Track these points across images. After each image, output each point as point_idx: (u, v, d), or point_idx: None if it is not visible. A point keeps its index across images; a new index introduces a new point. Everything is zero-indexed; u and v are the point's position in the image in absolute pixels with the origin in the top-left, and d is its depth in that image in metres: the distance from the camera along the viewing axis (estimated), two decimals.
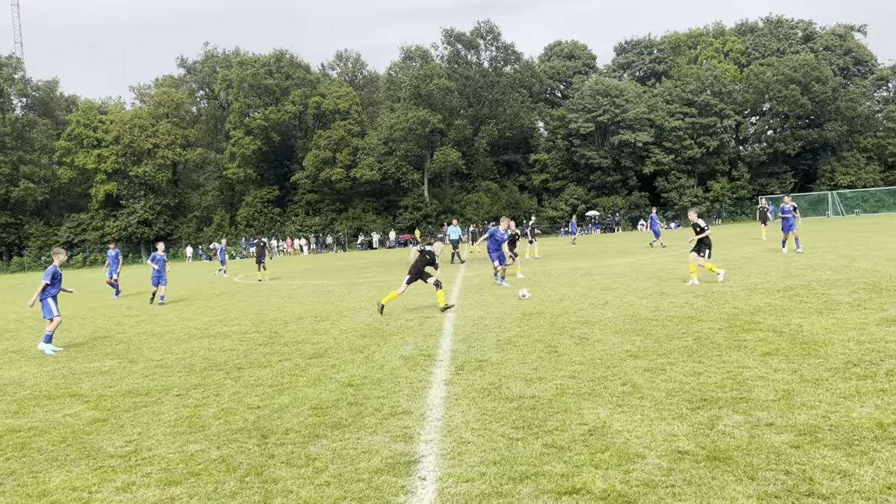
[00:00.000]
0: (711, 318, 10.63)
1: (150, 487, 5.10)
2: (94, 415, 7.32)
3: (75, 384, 9.02)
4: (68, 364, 10.65)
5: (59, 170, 75.28)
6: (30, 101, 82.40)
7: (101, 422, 7.03)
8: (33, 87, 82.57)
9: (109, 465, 5.66)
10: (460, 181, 75.97)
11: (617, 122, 70.31)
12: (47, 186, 76.38)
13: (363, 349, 10.15)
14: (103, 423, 6.99)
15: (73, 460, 5.84)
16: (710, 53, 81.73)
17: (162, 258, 20.82)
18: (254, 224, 73.47)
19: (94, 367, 10.19)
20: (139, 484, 5.18)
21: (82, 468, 5.62)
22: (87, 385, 8.92)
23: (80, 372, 9.90)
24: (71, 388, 8.76)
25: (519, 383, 7.40)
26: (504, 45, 74.51)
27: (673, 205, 71.67)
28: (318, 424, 6.40)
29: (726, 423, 5.62)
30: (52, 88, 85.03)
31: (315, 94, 74.77)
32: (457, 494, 4.60)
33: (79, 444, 6.27)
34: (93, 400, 8.02)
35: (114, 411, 7.43)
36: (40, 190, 75.07)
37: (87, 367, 10.30)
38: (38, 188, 74.70)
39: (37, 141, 77.69)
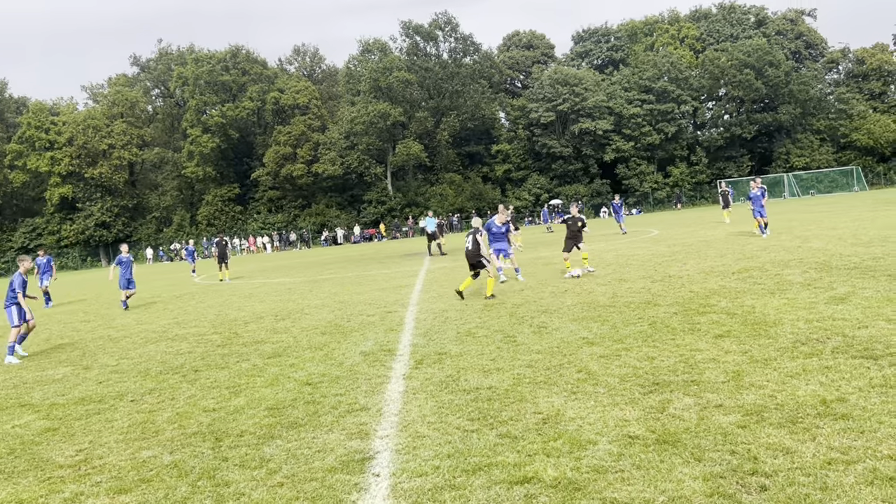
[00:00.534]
0: (667, 302, 10.79)
1: (99, 497, 5.02)
2: (45, 424, 7.17)
3: (26, 393, 8.82)
4: (20, 373, 10.40)
5: (10, 174, 73.22)
6: None
7: (51, 431, 6.88)
8: None
9: (58, 475, 5.55)
10: (424, 174, 75.85)
11: (577, 111, 70.80)
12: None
13: (323, 346, 10.09)
14: (54, 432, 6.84)
15: (20, 472, 5.71)
16: (665, 40, 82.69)
17: (128, 260, 20.12)
18: (215, 223, 72.44)
19: (46, 375, 9.97)
20: (88, 493, 5.09)
21: (30, 480, 5.50)
22: (38, 394, 8.72)
23: (32, 381, 9.68)
24: (22, 398, 8.56)
25: (477, 375, 7.44)
26: (463, 37, 74.42)
27: (634, 191, 72.51)
28: (274, 425, 6.35)
29: (676, 407, 5.72)
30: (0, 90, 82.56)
31: (273, 89, 73.89)
32: (409, 489, 4.61)
33: (28, 455, 6.14)
34: (44, 409, 7.85)
35: (65, 420, 7.28)
36: None
37: (39, 375, 10.08)
38: None
39: None
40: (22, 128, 72.50)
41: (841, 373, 6.17)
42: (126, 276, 19.57)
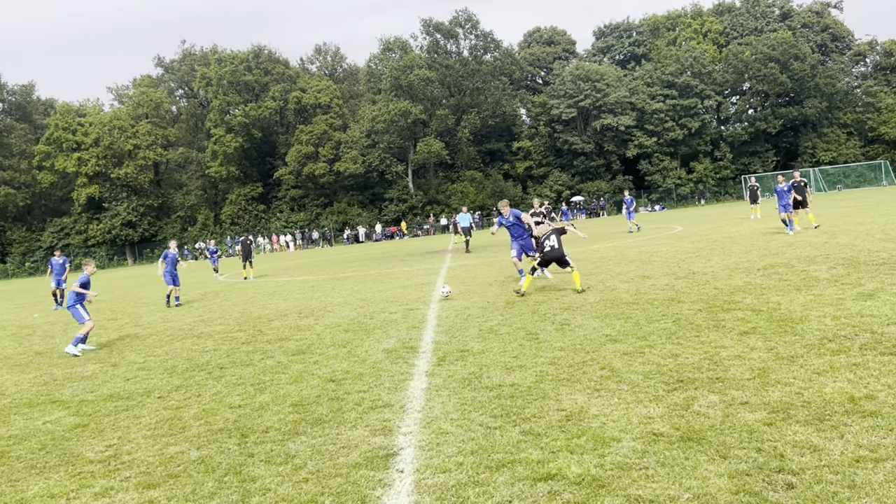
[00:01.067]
0: (691, 299, 10.71)
1: (128, 491, 5.10)
2: (75, 420, 7.30)
3: (57, 390, 8.98)
4: (50, 370, 10.59)
5: (39, 174, 74.52)
6: (6, 105, 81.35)
7: (81, 427, 7.00)
8: (9, 91, 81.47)
9: (88, 470, 5.65)
10: (444, 171, 75.88)
11: (598, 107, 70.41)
12: (28, 192, 75.58)
13: (346, 344, 10.16)
14: (84, 428, 6.97)
15: (52, 467, 5.82)
16: (688, 35, 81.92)
17: (174, 257, 20.15)
18: (238, 222, 73.12)
19: (76, 373, 10.14)
20: (117, 488, 5.18)
21: (61, 475, 5.61)
22: (68, 391, 8.88)
23: (62, 378, 9.85)
24: (52, 395, 8.72)
25: (499, 372, 7.44)
26: (483, 34, 74.28)
27: (657, 187, 71.98)
28: (299, 421, 6.41)
29: (701, 404, 5.68)
30: (28, 92, 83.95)
31: (295, 88, 74.35)
32: (433, 485, 4.63)
33: (58, 451, 6.25)
34: (74, 406, 7.99)
35: (94, 416, 7.41)
36: (21, 195, 74.30)
37: (69, 372, 10.26)
38: (18, 194, 73.94)
39: (15, 146, 76.80)
40: (50, 129, 73.73)
41: (869, 370, 6.09)
42: (171, 273, 19.50)
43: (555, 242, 13.55)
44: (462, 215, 31.67)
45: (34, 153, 74.62)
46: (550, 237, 13.64)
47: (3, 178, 73.31)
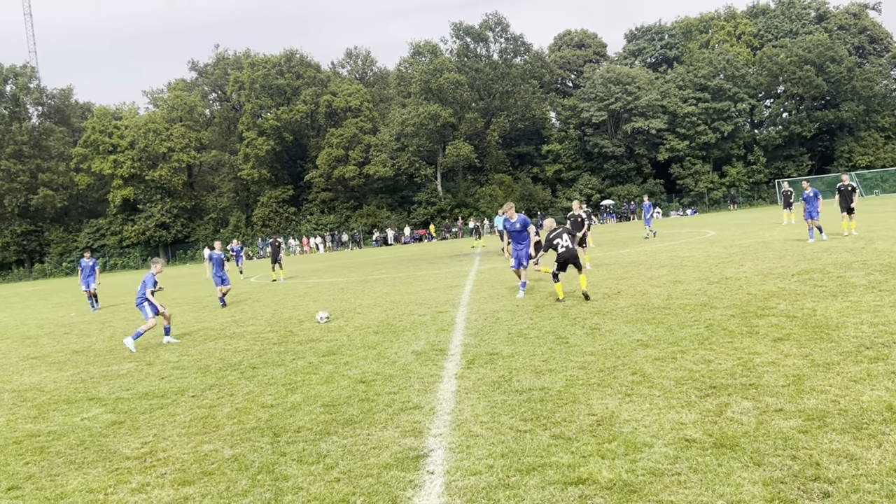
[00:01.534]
0: (724, 304, 10.58)
1: (164, 488, 5.20)
2: (112, 417, 7.45)
3: (94, 388, 9.17)
4: (87, 368, 10.82)
5: (76, 176, 76.12)
6: (45, 109, 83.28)
7: (118, 424, 7.15)
8: (48, 95, 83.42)
9: (125, 466, 5.77)
10: (473, 174, 75.88)
11: (629, 110, 69.88)
12: (66, 193, 77.25)
13: (376, 345, 10.22)
14: (120, 425, 7.11)
15: (90, 463, 5.95)
16: (722, 37, 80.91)
17: (219, 257, 20.34)
18: (269, 224, 73.90)
19: (112, 371, 10.35)
20: (154, 485, 5.28)
21: (99, 470, 5.73)
22: (105, 388, 9.06)
23: (99, 376, 10.05)
24: (90, 392, 8.91)
25: (529, 375, 7.43)
26: (513, 37, 74.20)
27: (689, 191, 71.20)
28: (330, 421, 6.47)
29: (735, 410, 5.62)
30: (66, 96, 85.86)
31: (326, 92, 74.97)
32: (464, 487, 4.65)
33: (96, 447, 6.39)
34: (110, 403, 8.16)
35: (130, 414, 7.55)
36: (59, 197, 75.96)
37: (105, 370, 10.46)
38: (56, 195, 75.60)
39: (54, 148, 78.55)
40: (87, 132, 75.28)
41: None
42: (219, 274, 19.67)
43: (567, 242, 12.91)
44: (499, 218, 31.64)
45: (72, 155, 76.26)
46: (562, 236, 12.99)
47: (42, 180, 75.02)
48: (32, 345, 14.64)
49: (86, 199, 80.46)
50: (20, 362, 12.21)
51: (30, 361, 12.20)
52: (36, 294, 38.46)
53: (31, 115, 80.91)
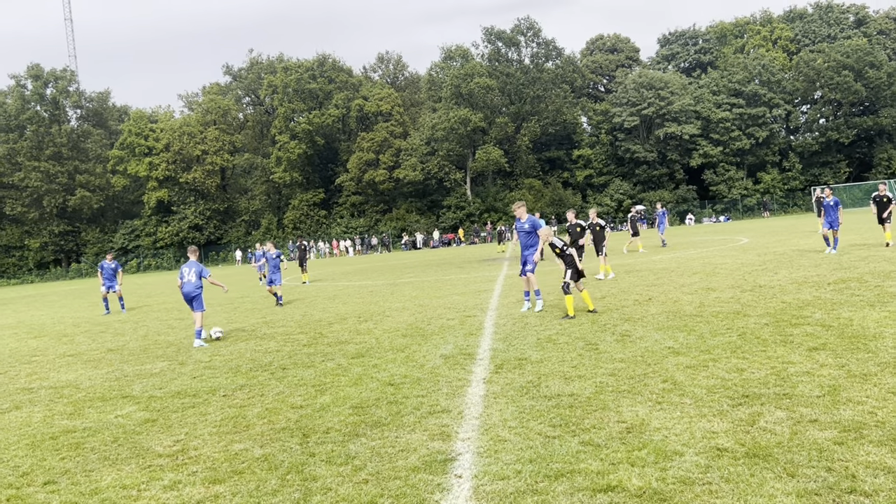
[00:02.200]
0: (758, 313, 10.42)
1: (195, 486, 5.27)
2: (145, 415, 7.57)
3: (127, 386, 9.33)
4: (121, 367, 11.01)
5: (112, 178, 77.65)
6: (84, 112, 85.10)
7: (150, 422, 7.26)
8: (87, 98, 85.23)
9: (158, 464, 5.85)
10: (503, 179, 75.75)
11: (662, 115, 69.21)
12: (102, 194, 78.86)
13: (404, 349, 10.25)
14: (153, 423, 7.22)
15: (123, 459, 6.05)
16: (757, 42, 79.76)
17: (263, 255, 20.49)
18: (300, 227, 74.58)
19: (145, 370, 10.52)
20: (185, 482, 5.35)
21: (132, 467, 5.83)
22: (138, 387, 9.21)
23: (133, 374, 10.23)
24: (123, 390, 9.07)
25: (558, 381, 7.39)
26: (545, 41, 73.98)
27: (722, 198, 70.27)
28: (359, 423, 6.51)
29: (768, 420, 5.53)
30: (104, 99, 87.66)
31: (357, 96, 75.51)
32: (492, 492, 4.64)
33: (129, 444, 6.50)
34: (143, 401, 8.29)
35: (163, 412, 7.67)
36: (96, 198, 77.57)
37: (139, 369, 10.64)
38: (93, 196, 77.21)
39: (91, 151, 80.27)
40: (123, 135, 76.75)
41: None
42: (271, 275, 19.84)
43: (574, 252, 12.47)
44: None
45: (108, 158, 77.83)
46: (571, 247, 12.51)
47: (80, 182, 76.70)
48: (69, 343, 14.95)
49: (121, 201, 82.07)
50: (57, 359, 12.48)
51: (66, 359, 12.46)
52: (72, 293, 39.26)
53: (70, 117, 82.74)
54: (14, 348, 14.81)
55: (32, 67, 76.74)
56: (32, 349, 14.35)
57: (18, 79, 77.07)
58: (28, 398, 9.12)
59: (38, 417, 7.94)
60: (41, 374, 10.96)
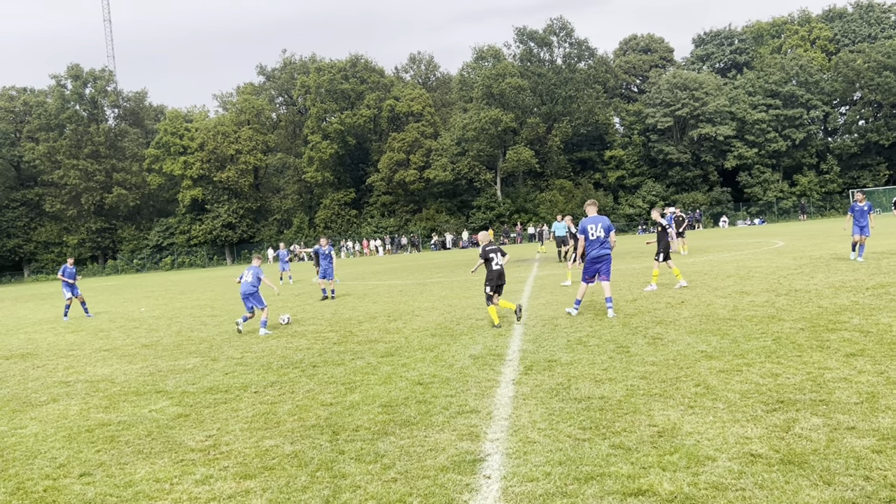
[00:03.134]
0: (793, 317, 10.23)
1: (226, 480, 5.33)
2: (178, 410, 7.68)
3: (161, 381, 9.48)
4: (155, 362, 11.19)
5: (148, 176, 79.05)
6: (121, 111, 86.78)
7: (183, 417, 7.37)
8: (124, 98, 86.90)
9: (190, 458, 5.94)
10: (533, 180, 75.47)
11: (696, 116, 68.35)
12: (138, 192, 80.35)
13: (433, 348, 10.26)
14: (185, 418, 7.32)
15: (157, 453, 6.15)
16: (795, 42, 78.37)
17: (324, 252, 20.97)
18: (331, 226, 75.12)
19: (178, 365, 10.68)
20: (217, 477, 5.42)
21: (165, 461, 5.91)
22: (171, 382, 9.35)
23: (166, 369, 10.39)
24: (157, 385, 9.21)
25: (588, 384, 7.33)
26: (577, 41, 73.49)
27: (757, 200, 69.17)
28: (388, 422, 6.53)
29: (804, 426, 5.42)
30: (141, 99, 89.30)
31: (389, 97, 75.83)
32: (521, 493, 4.61)
33: (163, 438, 6.60)
34: (177, 396, 8.42)
35: (195, 407, 7.77)
36: (132, 196, 79.05)
37: (172, 364, 10.81)
38: (129, 194, 78.69)
39: (128, 149, 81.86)
40: (159, 134, 78.07)
41: None
42: (322, 267, 20.53)
43: (501, 260, 12.20)
44: (557, 224, 31.33)
45: (144, 156, 79.24)
46: (497, 253, 12.26)
47: (117, 180, 78.24)
48: (104, 338, 15.24)
49: (157, 199, 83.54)
50: (93, 354, 12.72)
51: (102, 354, 12.70)
52: (108, 289, 40.01)
53: (107, 117, 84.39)
54: (52, 342, 15.15)
55: (72, 68, 78.43)
56: (70, 343, 14.66)
57: (59, 79, 78.83)
58: (65, 391, 9.32)
59: (75, 410, 8.11)
60: (78, 368, 11.19)
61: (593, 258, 12.26)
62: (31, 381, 10.37)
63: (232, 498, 4.98)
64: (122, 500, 5.13)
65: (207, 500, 4.98)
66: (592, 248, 12.24)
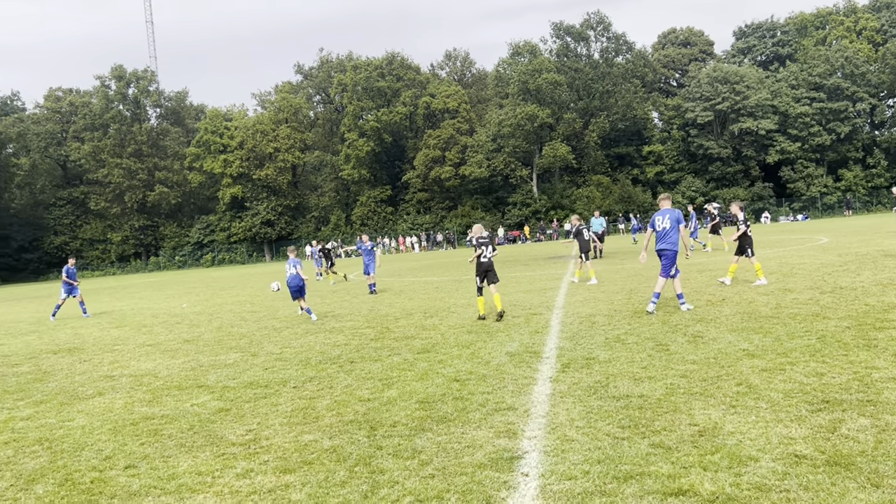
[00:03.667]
0: (839, 315, 9.98)
1: (266, 474, 5.40)
2: (219, 405, 7.81)
3: (203, 376, 9.65)
4: (197, 357, 11.40)
5: (189, 175, 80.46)
6: (163, 111, 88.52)
7: (224, 411, 7.49)
8: (166, 97, 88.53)
9: (231, 452, 6.03)
10: (570, 176, 74.88)
11: (737, 110, 67.06)
12: (179, 190, 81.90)
13: (469, 345, 10.26)
14: (226, 412, 7.44)
15: (199, 447, 6.26)
16: (840, 33, 76.34)
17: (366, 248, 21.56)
18: (368, 223, 75.60)
19: (219, 360, 10.85)
20: (257, 471, 5.50)
21: (207, 454, 6.02)
22: (213, 377, 9.51)
23: (208, 364, 10.57)
24: (199, 380, 9.38)
25: (627, 382, 7.26)
26: (615, 36, 72.68)
27: (800, 195, 67.64)
28: (425, 418, 6.54)
29: (850, 427, 5.29)
30: (182, 98, 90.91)
31: (425, 94, 75.96)
32: (559, 492, 4.59)
33: (204, 432, 6.72)
34: (218, 391, 8.56)
35: (236, 402, 7.89)
36: (173, 194, 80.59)
37: (213, 360, 10.99)
38: (171, 192, 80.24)
39: (170, 148, 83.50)
40: (200, 133, 79.37)
41: None
42: (365, 263, 21.24)
43: (489, 253, 13.18)
44: (595, 220, 31.07)
45: (185, 155, 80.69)
46: (487, 245, 13.27)
47: (159, 178, 79.90)
48: (147, 333, 15.56)
49: (197, 197, 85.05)
50: (137, 349, 13.01)
51: (145, 349, 12.98)
52: (151, 285, 40.86)
53: (150, 116, 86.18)
54: (98, 337, 15.52)
55: (116, 69, 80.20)
56: (114, 338, 15.01)
57: (103, 79, 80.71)
58: (110, 385, 9.54)
59: (120, 404, 8.30)
60: (122, 363, 11.45)
61: (656, 251, 12.32)
62: (77, 374, 10.64)
63: (272, 492, 5.04)
64: (166, 492, 5.23)
65: (248, 493, 5.06)
66: (657, 241, 12.27)
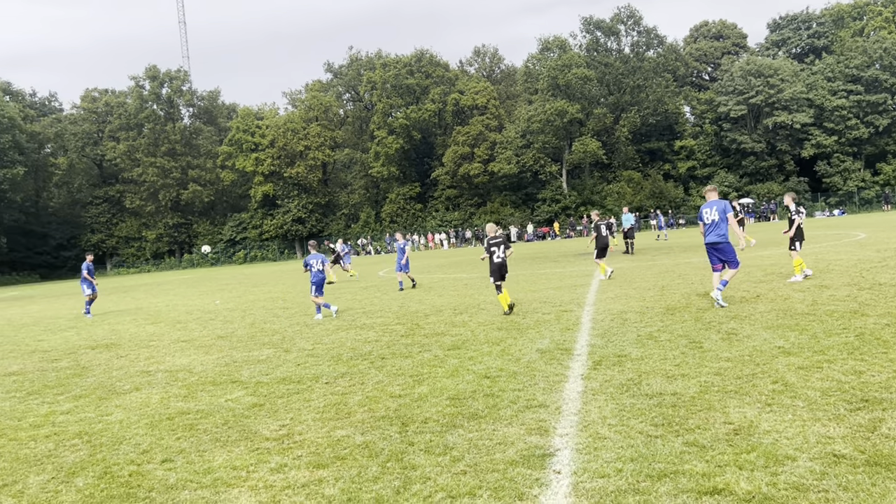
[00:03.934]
0: (878, 312, 9.77)
1: (300, 469, 5.46)
2: (253, 400, 7.91)
3: (236, 371, 9.78)
4: (230, 353, 11.55)
5: (221, 173, 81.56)
6: (196, 110, 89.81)
7: (258, 406, 7.58)
8: (199, 97, 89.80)
9: (265, 447, 6.11)
10: (600, 171, 74.30)
11: (771, 104, 65.92)
12: (212, 189, 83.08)
13: (500, 342, 10.25)
14: (260, 407, 7.54)
15: (233, 441, 6.35)
16: (878, 24, 74.55)
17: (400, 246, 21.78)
18: (397, 220, 75.89)
19: (252, 356, 10.99)
20: (291, 465, 5.56)
21: (241, 449, 6.10)
22: (246, 372, 9.64)
23: (241, 360, 10.71)
24: (233, 375, 9.51)
25: (660, 379, 7.19)
26: (646, 30, 71.90)
27: (837, 190, 66.30)
28: (456, 414, 6.56)
29: (890, 427, 5.18)
30: (214, 98, 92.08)
31: (454, 91, 75.95)
32: (592, 490, 4.57)
33: (239, 427, 6.81)
34: (251, 386, 8.67)
35: (269, 397, 7.99)
36: (206, 192, 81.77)
37: (246, 355, 11.13)
38: (204, 190, 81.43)
39: (202, 147, 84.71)
40: (232, 131, 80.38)
41: None
42: (398, 260, 21.44)
43: (503, 253, 13.46)
44: (625, 216, 30.83)
45: (218, 153, 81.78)
46: (500, 245, 13.53)
47: (192, 177, 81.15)
48: (182, 329, 15.81)
49: (230, 195, 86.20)
50: (172, 345, 13.23)
51: (180, 344, 13.19)
52: (184, 282, 41.49)
53: (183, 115, 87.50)
54: (134, 333, 15.81)
55: (150, 69, 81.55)
56: (150, 334, 15.28)
57: (137, 80, 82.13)
58: (147, 380, 9.72)
59: (156, 399, 8.45)
60: (158, 358, 11.65)
61: (707, 244, 12.13)
62: (115, 370, 10.86)
63: (306, 486, 5.10)
64: (202, 486, 5.32)
65: (282, 487, 5.12)
66: (707, 234, 12.07)
